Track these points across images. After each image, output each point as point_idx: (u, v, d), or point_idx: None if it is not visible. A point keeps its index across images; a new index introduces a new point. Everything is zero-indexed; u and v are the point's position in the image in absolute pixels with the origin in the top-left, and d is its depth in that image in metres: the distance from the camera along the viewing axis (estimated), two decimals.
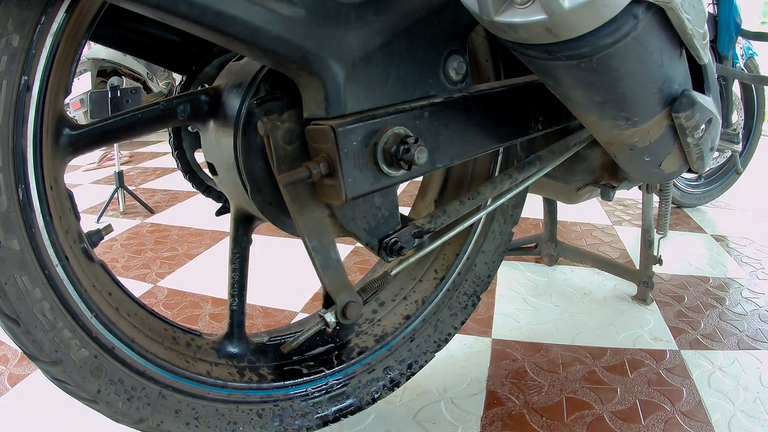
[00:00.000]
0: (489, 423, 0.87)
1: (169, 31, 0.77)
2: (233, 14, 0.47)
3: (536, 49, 0.51)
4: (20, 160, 0.48)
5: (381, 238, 0.63)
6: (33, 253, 0.50)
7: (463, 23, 0.61)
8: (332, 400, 0.75)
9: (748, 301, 1.31)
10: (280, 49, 0.50)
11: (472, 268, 0.86)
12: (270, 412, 0.70)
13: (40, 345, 0.52)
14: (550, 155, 0.76)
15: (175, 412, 0.62)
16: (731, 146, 1.43)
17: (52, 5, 0.47)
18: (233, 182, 0.65)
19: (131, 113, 0.64)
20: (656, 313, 1.24)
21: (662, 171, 0.75)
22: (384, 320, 0.83)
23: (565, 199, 1.11)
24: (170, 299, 1.35)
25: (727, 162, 2.04)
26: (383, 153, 0.55)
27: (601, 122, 0.63)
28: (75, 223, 0.58)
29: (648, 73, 0.56)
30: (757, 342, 1.12)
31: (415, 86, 0.59)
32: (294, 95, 0.58)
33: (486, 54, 0.78)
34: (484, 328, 1.17)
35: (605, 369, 1.02)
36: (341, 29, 0.53)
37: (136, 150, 3.61)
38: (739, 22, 1.31)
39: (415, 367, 0.83)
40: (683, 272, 1.48)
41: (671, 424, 0.86)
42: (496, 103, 0.66)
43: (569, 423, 0.87)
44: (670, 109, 0.61)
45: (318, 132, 0.54)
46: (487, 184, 0.71)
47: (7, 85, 0.46)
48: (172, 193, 2.46)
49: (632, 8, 0.47)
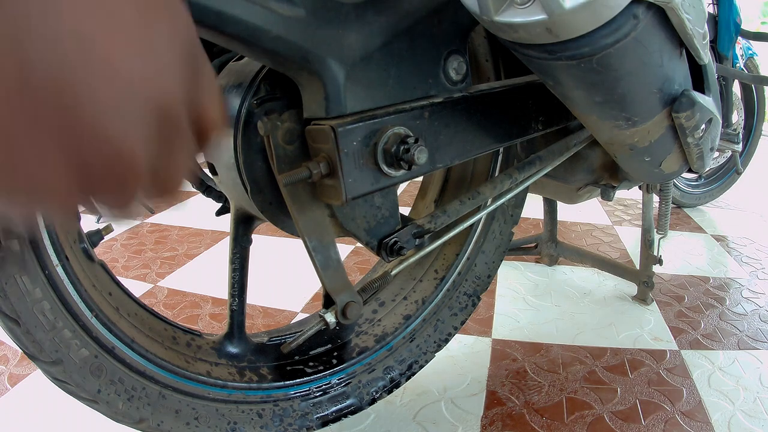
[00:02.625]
0: (489, 423, 0.87)
1: None
2: (233, 14, 0.47)
3: (536, 49, 0.51)
4: None
5: (381, 238, 0.63)
6: (33, 253, 0.50)
7: (463, 23, 0.61)
8: (332, 400, 0.75)
9: (748, 301, 1.31)
10: (280, 49, 0.50)
11: (472, 268, 0.86)
12: (270, 412, 0.70)
13: (40, 345, 0.52)
14: (550, 155, 0.76)
15: (175, 412, 0.63)
16: (731, 146, 1.43)
17: None
18: (233, 182, 0.65)
19: None
20: (656, 313, 1.24)
21: (662, 171, 0.75)
22: (384, 320, 0.83)
23: (565, 199, 1.11)
24: (170, 299, 1.35)
25: (727, 162, 2.04)
26: (383, 153, 0.55)
27: (601, 122, 0.63)
28: (75, 222, 0.58)
29: (648, 73, 0.56)
30: (757, 342, 1.12)
31: (415, 86, 0.59)
32: (294, 95, 0.58)
33: (486, 54, 0.78)
34: (484, 328, 1.17)
35: (605, 369, 1.02)
36: (341, 29, 0.53)
37: None
38: (739, 22, 1.31)
39: (416, 367, 0.83)
40: (683, 272, 1.48)
41: (671, 424, 0.86)
42: (496, 103, 0.66)
43: (569, 423, 0.87)
44: (670, 109, 0.61)
45: (318, 132, 0.54)
46: (487, 184, 0.70)
47: None
48: None
49: (632, 8, 0.47)
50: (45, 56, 0.18)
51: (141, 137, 0.20)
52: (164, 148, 0.22)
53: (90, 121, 0.19)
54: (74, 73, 0.18)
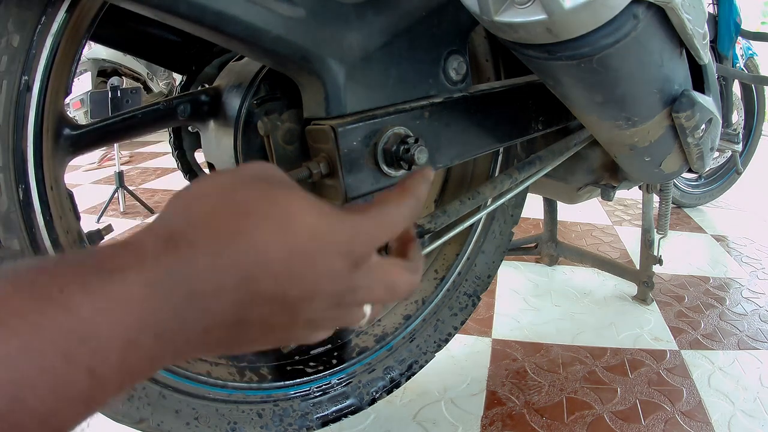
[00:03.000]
0: (489, 423, 0.87)
1: (169, 31, 0.77)
2: (233, 14, 0.47)
3: (536, 49, 0.51)
4: (20, 160, 0.48)
5: None
6: (33, 253, 0.50)
7: (463, 23, 0.61)
8: (332, 400, 0.75)
9: (748, 301, 1.31)
10: (280, 49, 0.50)
11: (472, 268, 0.86)
12: (270, 412, 0.70)
13: None
14: (550, 155, 0.76)
15: (175, 412, 0.62)
16: (731, 146, 1.43)
17: (53, 5, 0.47)
18: None
19: (131, 113, 0.64)
20: (656, 313, 1.24)
21: (662, 171, 0.75)
22: (384, 320, 0.83)
23: (565, 199, 1.11)
24: None
25: (727, 162, 2.04)
26: (383, 153, 0.55)
27: (601, 122, 0.63)
28: (75, 223, 0.58)
29: (648, 73, 0.56)
30: (757, 342, 1.12)
31: (415, 86, 0.59)
32: (294, 95, 0.58)
33: (486, 54, 0.78)
34: (484, 328, 1.17)
35: (605, 369, 1.02)
36: (341, 29, 0.53)
37: (136, 150, 3.61)
38: (739, 22, 1.31)
39: (415, 368, 0.83)
40: (683, 272, 1.48)
41: (671, 424, 0.86)
42: (496, 103, 0.66)
43: (569, 423, 0.87)
44: (671, 109, 0.61)
45: (318, 132, 0.54)
46: (488, 184, 0.70)
47: (8, 85, 0.46)
48: (172, 193, 2.46)
49: (632, 8, 0.47)
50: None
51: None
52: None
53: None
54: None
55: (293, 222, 0.28)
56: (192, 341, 0.26)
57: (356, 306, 0.33)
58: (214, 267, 0.25)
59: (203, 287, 0.25)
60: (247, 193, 0.28)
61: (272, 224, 0.27)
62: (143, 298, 0.23)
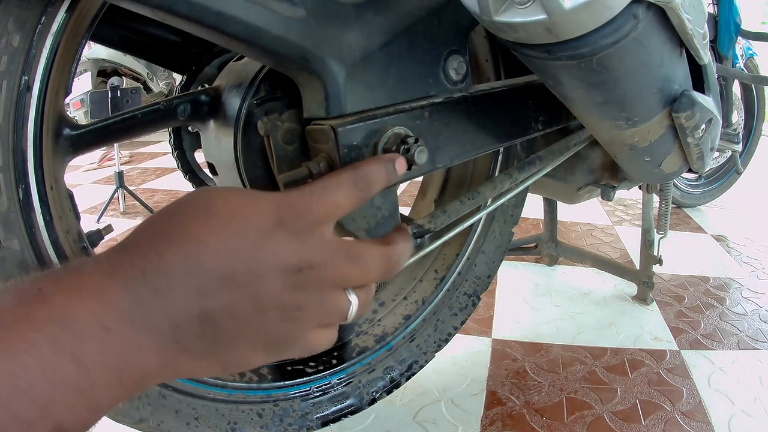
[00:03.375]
0: (489, 423, 0.87)
1: (169, 31, 0.77)
2: (233, 14, 0.47)
3: (536, 49, 0.51)
4: (20, 160, 0.48)
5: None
6: (33, 253, 0.50)
7: (463, 23, 0.61)
8: (332, 400, 0.75)
9: (748, 301, 1.31)
10: (280, 49, 0.50)
11: (472, 268, 0.86)
12: (270, 412, 0.70)
13: None
14: (550, 155, 0.76)
15: (175, 412, 0.62)
16: (731, 146, 1.43)
17: (53, 5, 0.47)
18: (233, 182, 0.65)
19: (131, 113, 0.64)
20: (656, 313, 1.24)
21: (662, 171, 0.75)
22: (384, 320, 0.83)
23: (565, 199, 1.11)
24: None
25: (727, 162, 2.04)
26: (383, 153, 0.55)
27: (601, 122, 0.63)
28: (75, 223, 0.58)
29: (648, 73, 0.56)
30: (757, 342, 1.12)
31: (415, 86, 0.59)
32: (294, 95, 0.58)
33: (486, 54, 0.78)
34: (484, 328, 1.17)
35: (605, 369, 1.02)
36: (341, 29, 0.53)
37: (136, 150, 3.61)
38: (739, 22, 1.31)
39: (416, 368, 0.83)
40: (683, 272, 1.48)
41: (671, 424, 0.86)
42: (496, 103, 0.65)
43: (569, 423, 0.87)
44: (671, 109, 0.61)
45: (318, 132, 0.54)
46: (487, 184, 0.70)
47: (8, 85, 0.46)
48: (172, 193, 2.46)
49: (632, 8, 0.47)
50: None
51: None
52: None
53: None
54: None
55: (219, 208, 0.32)
56: (167, 333, 0.29)
57: (330, 288, 0.34)
58: (160, 257, 0.30)
59: (154, 277, 0.29)
60: (181, 204, 0.33)
61: (202, 216, 0.32)
62: (105, 286, 0.28)
